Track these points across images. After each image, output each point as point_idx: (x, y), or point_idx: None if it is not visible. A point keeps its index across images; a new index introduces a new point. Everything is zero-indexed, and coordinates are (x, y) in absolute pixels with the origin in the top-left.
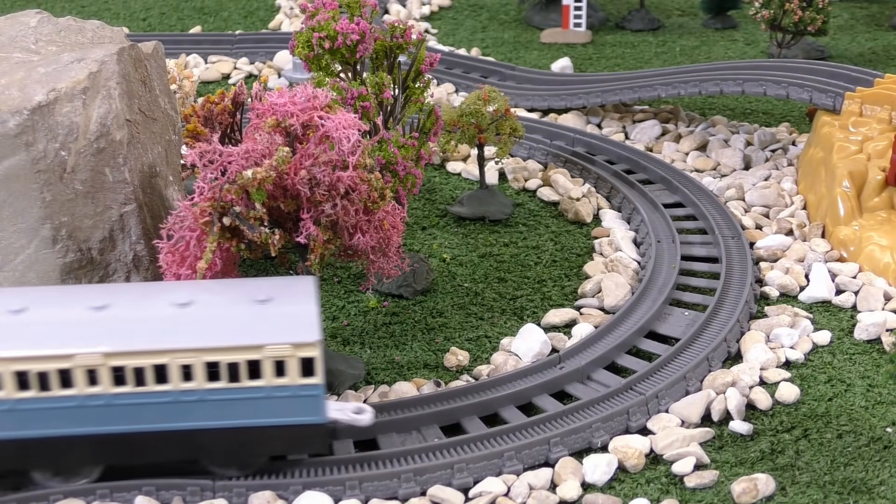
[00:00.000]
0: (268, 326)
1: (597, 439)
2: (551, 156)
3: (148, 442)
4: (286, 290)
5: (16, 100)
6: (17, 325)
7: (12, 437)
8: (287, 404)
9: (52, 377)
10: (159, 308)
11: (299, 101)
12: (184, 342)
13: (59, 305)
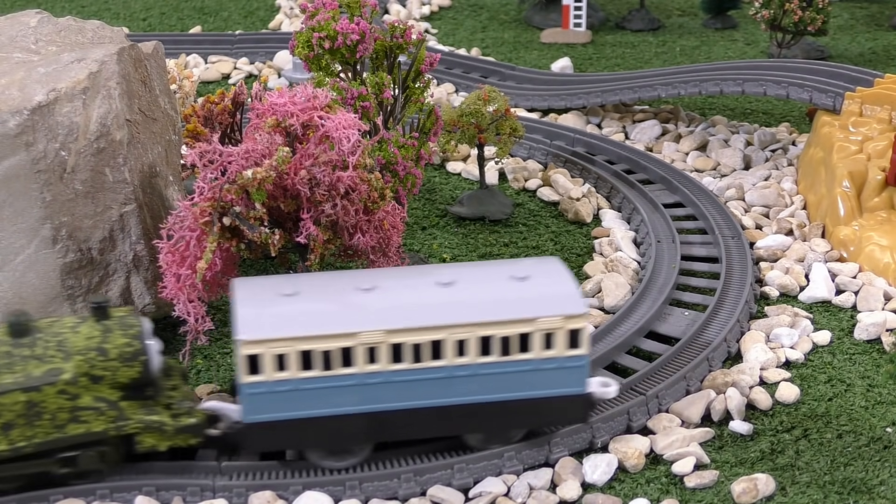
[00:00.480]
0: (536, 301)
1: (597, 439)
2: (551, 156)
3: (418, 418)
4: (539, 269)
5: (16, 100)
6: (296, 308)
7: (296, 416)
8: (553, 376)
9: (334, 356)
10: (425, 287)
11: (299, 101)
12: (461, 317)
13: (327, 289)
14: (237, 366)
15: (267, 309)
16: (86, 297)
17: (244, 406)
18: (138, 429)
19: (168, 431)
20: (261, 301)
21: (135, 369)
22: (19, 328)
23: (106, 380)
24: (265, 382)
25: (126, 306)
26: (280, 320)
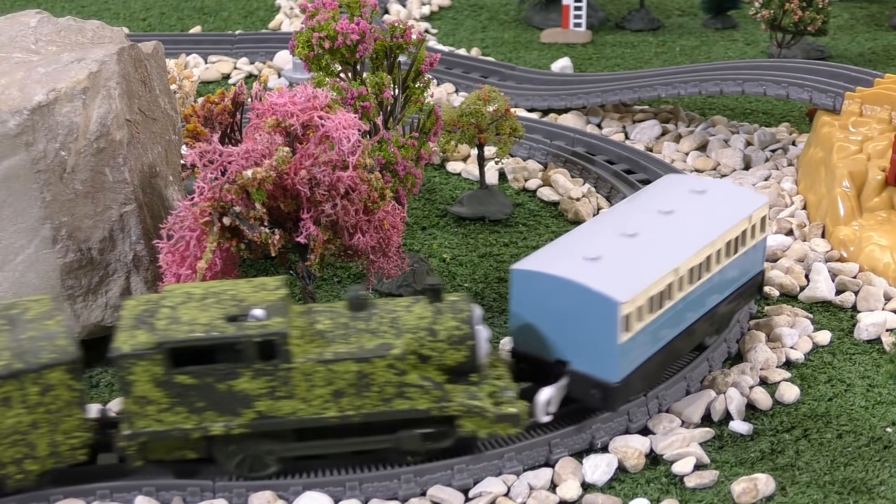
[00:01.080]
0: (740, 202)
1: (597, 440)
2: (551, 156)
3: (692, 334)
4: (699, 183)
5: (16, 100)
6: (622, 266)
7: (642, 361)
8: (754, 258)
9: (663, 295)
10: (662, 220)
11: (299, 101)
12: (714, 231)
13: (613, 247)
14: (598, 332)
15: (607, 274)
16: (86, 297)
17: (616, 367)
18: (460, 412)
19: (489, 418)
20: (590, 272)
21: (462, 353)
22: (358, 303)
23: (433, 360)
24: (631, 338)
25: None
26: (626, 278)
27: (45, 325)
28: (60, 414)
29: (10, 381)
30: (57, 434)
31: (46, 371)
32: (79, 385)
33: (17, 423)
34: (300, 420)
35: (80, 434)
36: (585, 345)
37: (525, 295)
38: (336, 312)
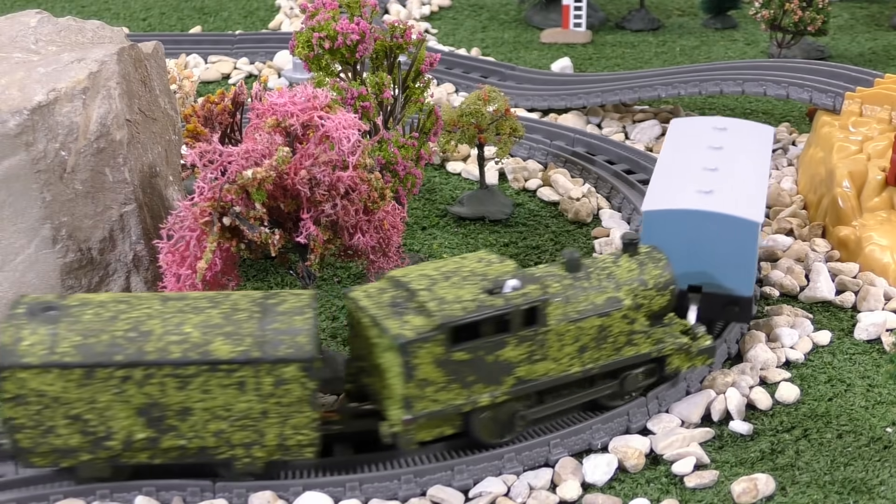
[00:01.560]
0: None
1: (597, 440)
2: (551, 156)
3: None
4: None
5: (16, 100)
6: (738, 193)
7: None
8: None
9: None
10: (723, 156)
11: (299, 101)
12: (764, 163)
13: (716, 181)
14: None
15: (731, 203)
16: None
17: (752, 281)
18: (672, 350)
19: (691, 353)
20: (718, 202)
21: (665, 297)
22: (574, 264)
23: (644, 307)
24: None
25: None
26: (746, 204)
27: (292, 319)
28: (291, 409)
29: (246, 367)
30: (286, 427)
31: (281, 365)
32: (312, 384)
33: (248, 409)
34: (550, 380)
35: (308, 432)
36: (724, 267)
37: (658, 233)
38: (557, 275)
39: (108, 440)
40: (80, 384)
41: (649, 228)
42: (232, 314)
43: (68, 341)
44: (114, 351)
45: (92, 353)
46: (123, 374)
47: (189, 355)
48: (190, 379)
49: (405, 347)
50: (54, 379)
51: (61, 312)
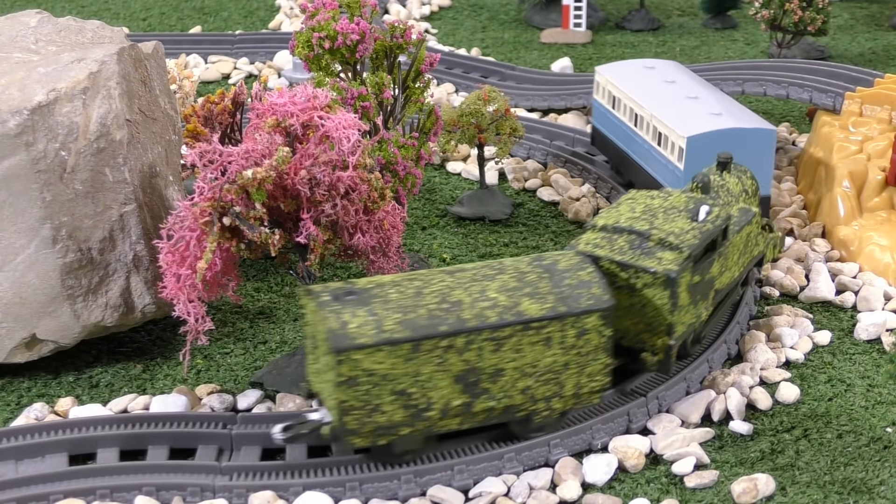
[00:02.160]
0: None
1: (597, 440)
2: (551, 156)
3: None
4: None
5: (16, 100)
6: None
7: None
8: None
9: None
10: (685, 87)
11: (299, 101)
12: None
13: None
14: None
15: (743, 119)
16: (86, 297)
17: (769, 182)
18: (770, 246)
19: (777, 244)
20: (735, 119)
21: (756, 201)
22: (707, 187)
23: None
24: None
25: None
26: (752, 118)
27: (578, 274)
28: (588, 357)
29: (554, 323)
30: (582, 376)
31: (584, 316)
32: (608, 332)
33: (552, 363)
34: (726, 287)
35: (600, 378)
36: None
37: (698, 154)
38: (696, 198)
39: (428, 411)
40: (407, 359)
41: (692, 151)
42: (522, 277)
43: (390, 319)
44: (436, 322)
45: (416, 326)
46: (447, 344)
47: (505, 318)
48: (504, 340)
49: (673, 280)
50: (384, 357)
51: (363, 295)
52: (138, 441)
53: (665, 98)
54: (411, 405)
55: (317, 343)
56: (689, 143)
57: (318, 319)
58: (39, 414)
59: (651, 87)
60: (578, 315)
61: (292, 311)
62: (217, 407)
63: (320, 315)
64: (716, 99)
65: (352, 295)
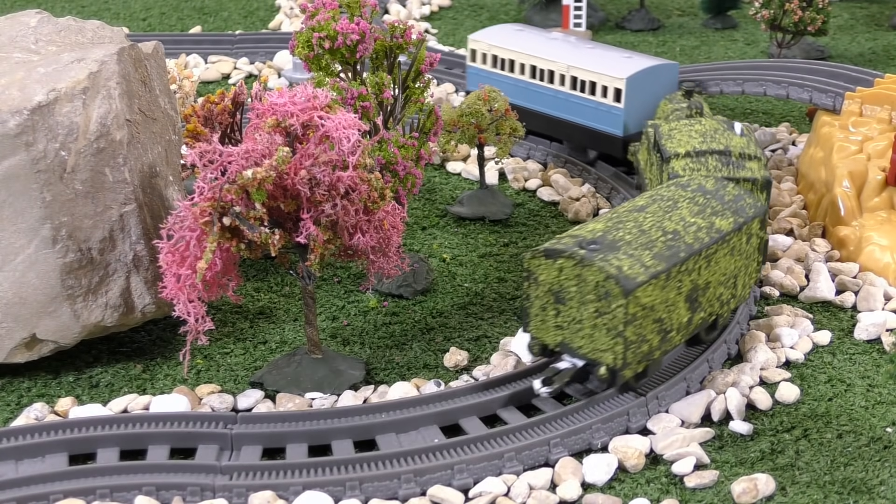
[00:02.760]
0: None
1: (597, 440)
2: (551, 156)
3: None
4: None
5: (16, 100)
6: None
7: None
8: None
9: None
10: (590, 46)
11: (299, 101)
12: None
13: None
14: None
15: (652, 62)
16: (86, 297)
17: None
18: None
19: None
20: (649, 62)
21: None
22: (700, 110)
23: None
24: None
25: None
26: (664, 62)
27: (728, 190)
28: (751, 259)
29: (737, 233)
30: (746, 276)
31: (751, 222)
32: (764, 234)
33: (734, 269)
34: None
35: (754, 275)
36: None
37: (632, 92)
38: (723, 119)
39: (670, 332)
40: (663, 288)
41: (630, 91)
42: (696, 201)
43: (646, 256)
44: (674, 251)
45: (665, 257)
46: (685, 268)
47: (712, 236)
48: (712, 256)
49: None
50: (652, 290)
51: (604, 243)
52: (138, 441)
53: (571, 52)
54: (662, 329)
55: (567, 296)
56: (627, 84)
57: (582, 271)
58: (39, 414)
59: (548, 45)
60: (749, 222)
61: (292, 311)
62: (217, 407)
63: (589, 266)
64: (607, 48)
65: (594, 244)
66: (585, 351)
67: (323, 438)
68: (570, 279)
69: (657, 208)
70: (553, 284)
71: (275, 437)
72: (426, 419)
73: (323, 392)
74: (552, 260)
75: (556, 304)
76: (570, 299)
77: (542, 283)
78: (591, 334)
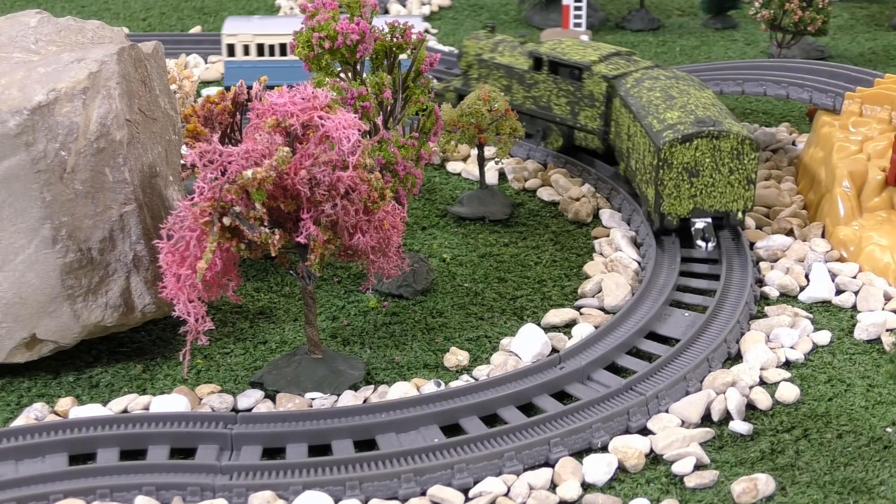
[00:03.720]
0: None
1: (597, 440)
2: (551, 156)
3: None
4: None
5: (16, 100)
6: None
7: None
8: None
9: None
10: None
11: (299, 101)
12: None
13: None
14: None
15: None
16: (86, 297)
17: None
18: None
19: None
20: None
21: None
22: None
23: None
24: None
25: None
26: None
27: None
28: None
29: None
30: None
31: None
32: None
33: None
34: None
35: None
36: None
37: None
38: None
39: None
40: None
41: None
42: (677, 77)
43: (730, 119)
44: (728, 113)
45: (692, 123)
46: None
47: (720, 104)
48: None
49: None
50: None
51: (707, 120)
52: (138, 441)
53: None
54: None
55: (701, 168)
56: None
57: (718, 143)
58: (39, 414)
59: (277, 22)
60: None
61: (292, 311)
62: (217, 407)
63: (725, 136)
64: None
65: (706, 122)
66: (718, 207)
67: (323, 438)
68: (704, 153)
69: (677, 89)
70: (688, 163)
71: (275, 437)
72: (426, 419)
73: (323, 392)
74: (688, 143)
75: (691, 178)
76: (704, 169)
77: (676, 166)
78: (724, 192)
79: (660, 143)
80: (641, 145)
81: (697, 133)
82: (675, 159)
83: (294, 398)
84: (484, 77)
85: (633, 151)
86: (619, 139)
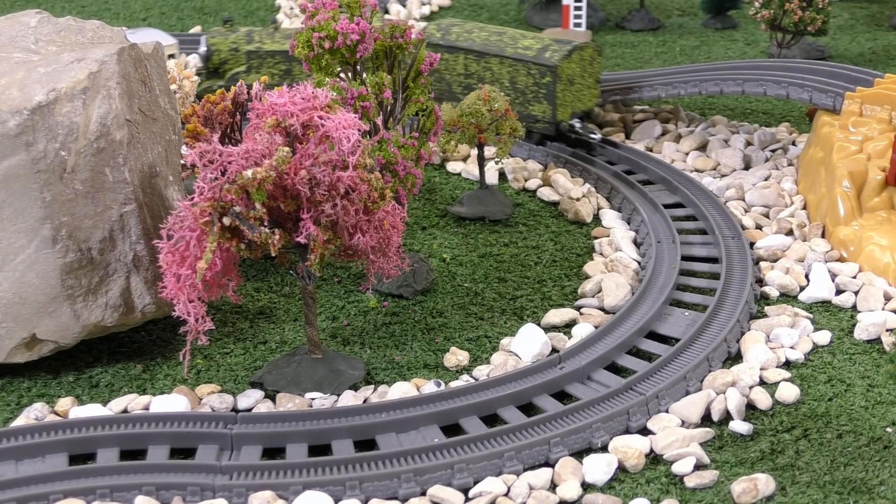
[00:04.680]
0: None
1: (597, 439)
2: (551, 156)
3: None
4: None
5: (16, 100)
6: None
7: None
8: None
9: None
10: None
11: (299, 101)
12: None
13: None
14: None
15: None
16: (86, 297)
17: None
18: None
19: None
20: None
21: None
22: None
23: None
24: None
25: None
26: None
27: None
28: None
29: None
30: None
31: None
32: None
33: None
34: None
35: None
36: None
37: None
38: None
39: None
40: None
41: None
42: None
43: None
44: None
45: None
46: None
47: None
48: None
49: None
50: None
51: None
52: (138, 441)
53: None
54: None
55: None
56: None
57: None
58: (39, 414)
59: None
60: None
61: (292, 311)
62: (217, 407)
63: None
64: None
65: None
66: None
67: (323, 438)
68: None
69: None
70: (571, 75)
71: (275, 437)
72: (426, 419)
73: (323, 392)
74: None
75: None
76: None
77: (563, 78)
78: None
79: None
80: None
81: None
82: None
83: (294, 398)
84: (256, 67)
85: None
86: None
